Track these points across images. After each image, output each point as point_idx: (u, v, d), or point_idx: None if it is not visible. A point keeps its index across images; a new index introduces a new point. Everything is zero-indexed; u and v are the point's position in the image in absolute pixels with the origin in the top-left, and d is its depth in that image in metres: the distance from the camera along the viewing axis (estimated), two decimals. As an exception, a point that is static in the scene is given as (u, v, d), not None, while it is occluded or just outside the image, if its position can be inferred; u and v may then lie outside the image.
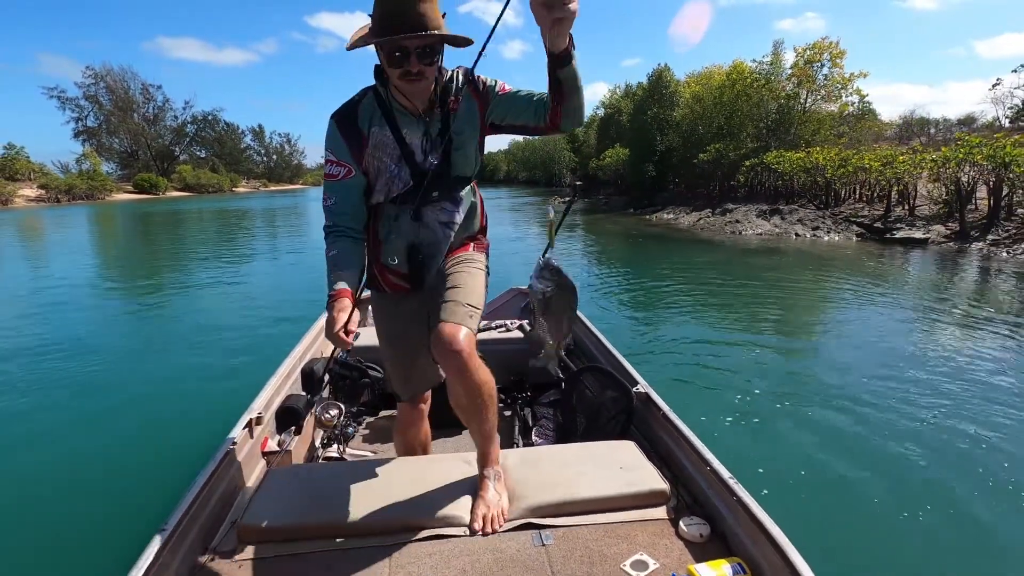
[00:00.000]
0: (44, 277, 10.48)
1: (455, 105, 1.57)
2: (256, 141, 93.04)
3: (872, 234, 13.55)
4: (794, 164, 17.62)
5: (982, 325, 5.91)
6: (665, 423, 2.01)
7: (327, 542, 1.53)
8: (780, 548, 1.32)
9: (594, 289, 8.12)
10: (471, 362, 1.52)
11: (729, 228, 15.69)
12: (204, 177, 64.87)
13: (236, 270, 10.79)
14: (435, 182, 1.59)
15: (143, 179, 57.49)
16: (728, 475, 1.60)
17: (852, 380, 4.27)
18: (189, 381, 4.58)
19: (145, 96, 75.63)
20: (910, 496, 2.76)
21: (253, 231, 20.16)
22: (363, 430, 2.71)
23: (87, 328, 6.48)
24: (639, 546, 1.53)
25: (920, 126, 39.67)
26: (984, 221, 12.49)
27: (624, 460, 1.82)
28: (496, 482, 1.65)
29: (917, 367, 4.57)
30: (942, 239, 12.27)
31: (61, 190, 45.66)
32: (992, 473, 2.99)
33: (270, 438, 2.24)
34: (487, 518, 1.58)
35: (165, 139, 77.56)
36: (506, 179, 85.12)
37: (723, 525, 1.58)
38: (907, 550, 2.42)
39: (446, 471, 1.78)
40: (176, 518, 1.47)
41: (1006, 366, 4.60)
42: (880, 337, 5.55)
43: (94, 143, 68.15)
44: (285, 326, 6.03)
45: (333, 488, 1.69)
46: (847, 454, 3.17)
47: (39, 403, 4.19)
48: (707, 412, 3.67)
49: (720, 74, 25.95)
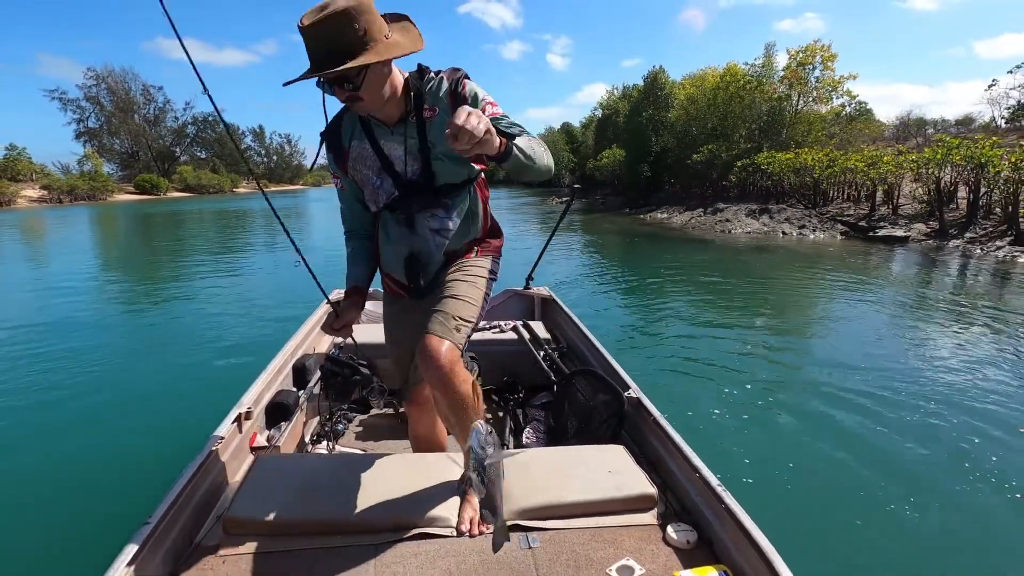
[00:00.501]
0: (40, 277, 10.57)
1: (431, 115, 1.53)
2: (256, 142, 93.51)
3: (856, 232, 13.99)
4: (783, 165, 18.06)
5: (956, 319, 6.26)
6: (656, 428, 2.02)
7: (312, 538, 1.53)
8: (766, 557, 1.32)
9: (583, 287, 8.48)
10: (453, 377, 1.51)
11: (719, 227, 16.12)
12: (205, 178, 65.17)
13: (232, 268, 10.92)
14: (420, 191, 1.59)
15: (144, 180, 57.78)
16: (716, 482, 1.60)
17: (841, 383, 4.28)
18: (180, 376, 4.61)
19: (146, 97, 76.07)
20: (900, 506, 2.74)
21: (252, 231, 20.25)
22: (353, 427, 2.70)
23: (77, 324, 6.53)
24: (626, 551, 1.52)
25: (917, 127, 39.72)
26: (964, 220, 12.92)
27: (614, 464, 1.82)
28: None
29: (902, 368, 4.62)
30: (922, 237, 12.69)
31: (63, 191, 45.93)
32: (983, 478, 2.98)
33: (259, 433, 2.21)
34: (473, 521, 1.58)
35: (166, 140, 77.95)
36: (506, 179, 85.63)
37: (710, 532, 1.58)
38: (896, 561, 2.41)
39: (435, 470, 1.77)
40: (160, 512, 1.47)
41: (984, 360, 4.80)
42: (864, 337, 5.69)
43: (95, 144, 68.49)
44: (279, 322, 6.08)
45: (321, 482, 1.69)
46: (837, 462, 3.17)
47: (26, 397, 4.20)
48: (697, 416, 3.71)
49: (714, 76, 26.39)
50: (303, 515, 1.56)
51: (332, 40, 1.29)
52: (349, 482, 1.68)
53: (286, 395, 2.40)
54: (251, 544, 1.50)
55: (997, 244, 11.08)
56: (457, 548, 1.51)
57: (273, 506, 1.55)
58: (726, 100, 23.94)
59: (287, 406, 2.32)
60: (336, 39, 1.29)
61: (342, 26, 1.28)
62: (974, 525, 2.64)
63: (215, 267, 11.25)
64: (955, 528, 2.62)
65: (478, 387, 1.56)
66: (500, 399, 2.95)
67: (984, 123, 34.72)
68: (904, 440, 3.39)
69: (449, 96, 1.52)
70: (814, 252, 11.83)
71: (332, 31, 1.28)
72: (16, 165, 49.80)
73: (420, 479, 1.71)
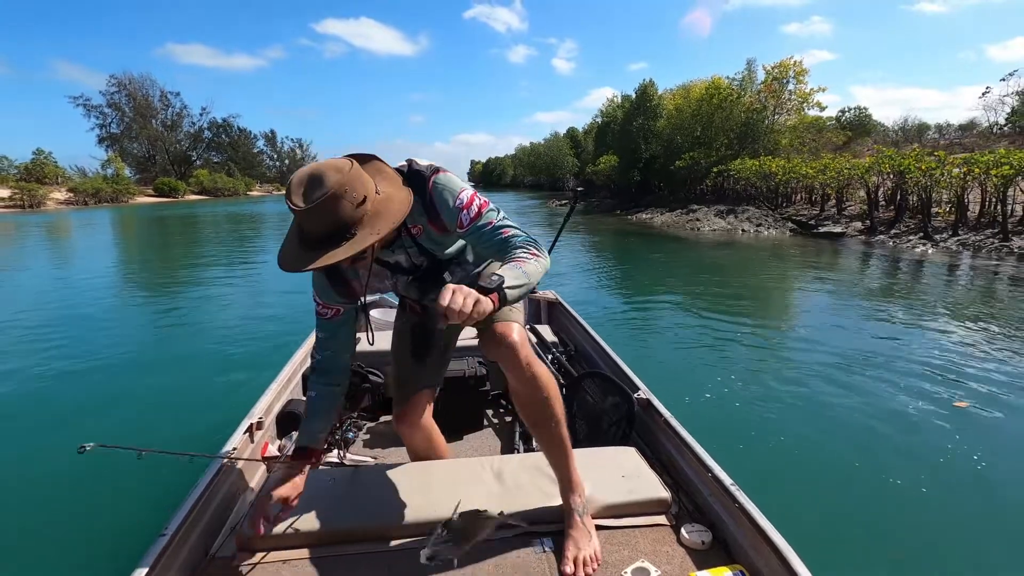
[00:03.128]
0: (62, 278, 10.68)
1: (418, 231, 1.46)
2: (268, 146, 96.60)
3: (803, 229, 16.24)
4: (751, 171, 20.32)
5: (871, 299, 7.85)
6: (667, 429, 2.02)
7: (327, 548, 1.53)
8: (783, 556, 1.31)
9: (572, 279, 9.55)
10: (528, 354, 1.45)
11: (690, 226, 18.39)
12: (220, 181, 67.74)
13: (244, 273, 11.10)
14: (432, 271, 1.56)
15: (163, 183, 60.13)
16: (730, 482, 1.60)
17: (846, 378, 4.29)
18: (189, 385, 4.61)
19: (164, 103, 79.13)
20: (919, 502, 2.69)
21: (263, 234, 20.56)
22: (363, 435, 2.69)
23: (92, 329, 6.56)
24: (640, 553, 1.51)
25: (918, 131, 40.41)
26: (893, 218, 15.11)
27: (625, 467, 1.81)
28: (585, 516, 1.53)
29: (919, 361, 4.71)
30: (856, 233, 14.89)
31: (88, 193, 48.43)
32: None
33: (271, 443, 2.22)
34: (578, 560, 1.43)
35: (183, 145, 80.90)
36: (512, 183, 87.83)
37: (725, 532, 1.57)
38: (916, 560, 2.33)
39: (447, 476, 1.77)
40: (176, 523, 1.47)
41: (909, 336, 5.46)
42: (830, 326, 6.03)
43: (116, 148, 71.28)
44: (289, 330, 6.06)
45: (333, 494, 1.69)
46: (853, 457, 3.11)
47: (37, 406, 4.18)
48: (708, 415, 3.69)
49: (700, 88, 28.69)
50: (316, 525, 1.56)
51: (330, 221, 1.23)
52: (360, 491, 1.69)
53: (296, 404, 2.43)
54: (266, 555, 1.51)
55: (909, 238, 13.25)
56: (471, 554, 1.47)
57: (286, 518, 1.55)
58: (709, 111, 26.25)
59: (298, 415, 2.32)
60: (334, 219, 1.23)
61: (339, 203, 1.22)
62: (1005, 520, 2.57)
63: (225, 270, 11.47)
64: (985, 524, 2.54)
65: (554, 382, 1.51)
66: (508, 404, 2.90)
67: (987, 126, 34.85)
68: (928, 437, 3.32)
69: (424, 212, 1.41)
70: (765, 246, 14.00)
71: (331, 212, 1.22)
72: (43, 169, 52.32)
73: (432, 485, 1.71)
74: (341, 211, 1.23)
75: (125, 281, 10.57)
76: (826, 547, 2.32)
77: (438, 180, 1.39)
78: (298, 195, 1.23)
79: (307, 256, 1.25)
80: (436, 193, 1.39)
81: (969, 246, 12.07)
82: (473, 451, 2.49)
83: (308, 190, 1.22)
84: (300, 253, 1.27)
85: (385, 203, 1.29)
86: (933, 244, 12.51)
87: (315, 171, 1.24)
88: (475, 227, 1.38)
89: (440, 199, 1.39)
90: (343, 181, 1.22)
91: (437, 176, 1.39)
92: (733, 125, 25.54)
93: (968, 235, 12.67)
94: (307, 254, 1.25)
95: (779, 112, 25.14)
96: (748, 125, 25.06)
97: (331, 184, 1.21)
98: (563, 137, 62.74)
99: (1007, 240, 11.84)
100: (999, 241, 11.90)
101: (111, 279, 10.51)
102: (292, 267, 1.27)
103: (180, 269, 12.24)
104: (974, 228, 13.05)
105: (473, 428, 2.69)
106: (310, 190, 1.22)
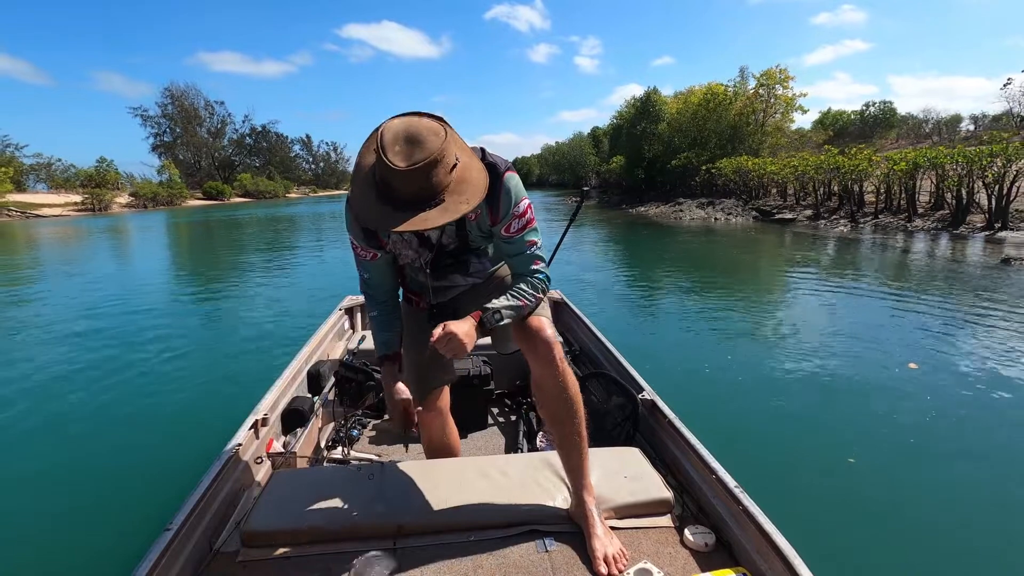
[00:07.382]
0: (115, 279, 10.82)
1: (475, 217, 1.48)
2: (304, 150, 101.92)
3: (764, 217, 19.41)
4: (729, 168, 23.59)
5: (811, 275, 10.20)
6: (671, 430, 2.01)
7: (330, 545, 1.54)
8: (786, 558, 1.31)
9: (571, 262, 10.59)
10: (560, 352, 1.49)
11: (674, 216, 21.81)
12: (262, 184, 72.80)
13: (268, 272, 11.20)
14: (455, 254, 1.59)
15: (211, 187, 64.93)
16: (734, 484, 1.59)
17: (850, 374, 4.29)
18: (197, 382, 4.64)
19: (209, 111, 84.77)
20: (927, 507, 2.64)
21: (298, 234, 20.96)
22: (368, 432, 2.70)
23: (102, 326, 6.65)
24: (643, 554, 1.51)
25: (949, 124, 40.69)
26: (837, 206, 18.17)
27: (629, 467, 1.80)
28: (600, 515, 1.56)
29: (891, 359, 4.64)
30: (804, 219, 17.97)
31: (147, 197, 53.55)
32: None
33: (275, 439, 2.22)
34: (608, 559, 1.45)
35: (227, 150, 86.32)
36: (538, 182, 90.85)
37: (728, 535, 1.56)
38: (923, 564, 2.28)
39: (450, 474, 1.77)
40: (181, 518, 1.48)
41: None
42: (809, 317, 6.22)
43: (169, 155, 76.85)
44: (293, 328, 6.19)
45: (338, 491, 1.69)
46: (857, 460, 3.04)
47: (45, 403, 4.25)
48: (712, 417, 3.63)
49: (698, 93, 31.86)
50: (320, 523, 1.56)
51: (425, 185, 1.24)
52: (365, 489, 1.69)
53: (301, 401, 2.45)
54: (270, 551, 1.52)
55: (841, 223, 16.32)
56: (473, 551, 1.49)
57: (291, 517, 1.57)
58: (704, 115, 29.42)
59: (303, 412, 2.36)
60: (429, 183, 1.24)
61: (437, 168, 1.23)
62: (1008, 525, 2.49)
63: (253, 269, 11.74)
64: (990, 529, 2.47)
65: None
66: (513, 403, 2.96)
67: (1001, 118, 35.74)
68: (940, 447, 3.22)
69: (486, 200, 1.40)
70: (730, 231, 17.19)
71: (428, 176, 1.23)
72: (106, 176, 57.64)
73: (435, 483, 1.72)
74: (437, 176, 1.24)
75: (167, 281, 10.89)
76: (831, 552, 2.27)
77: (510, 178, 1.42)
78: (398, 155, 1.21)
79: (396, 216, 1.25)
80: (504, 189, 1.42)
81: (881, 227, 15.14)
82: (477, 449, 2.52)
83: (409, 151, 1.21)
84: (387, 211, 1.26)
85: (466, 172, 1.31)
86: (854, 225, 15.59)
87: (413, 131, 1.24)
88: (518, 238, 1.47)
89: (506, 196, 1.42)
90: (443, 147, 1.23)
91: (510, 174, 1.43)
92: (724, 128, 28.71)
93: (886, 219, 15.71)
94: (396, 214, 1.25)
95: (766, 115, 28.25)
96: (737, 128, 28.21)
97: (433, 149, 1.22)
98: (586, 137, 65.50)
99: (911, 221, 14.89)
100: (904, 222, 14.95)
101: (157, 280, 10.80)
102: (380, 225, 1.30)
103: (212, 270, 12.35)
104: (895, 213, 16.05)
105: (477, 427, 2.74)
106: (411, 151, 1.21)
